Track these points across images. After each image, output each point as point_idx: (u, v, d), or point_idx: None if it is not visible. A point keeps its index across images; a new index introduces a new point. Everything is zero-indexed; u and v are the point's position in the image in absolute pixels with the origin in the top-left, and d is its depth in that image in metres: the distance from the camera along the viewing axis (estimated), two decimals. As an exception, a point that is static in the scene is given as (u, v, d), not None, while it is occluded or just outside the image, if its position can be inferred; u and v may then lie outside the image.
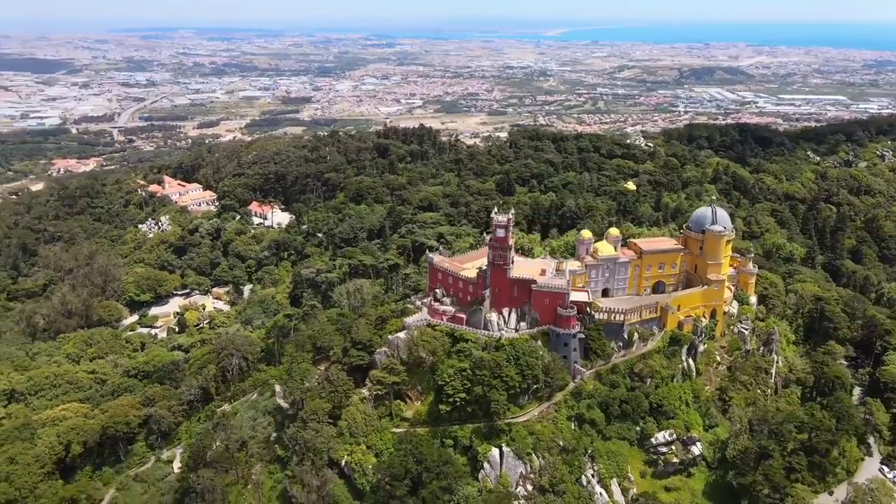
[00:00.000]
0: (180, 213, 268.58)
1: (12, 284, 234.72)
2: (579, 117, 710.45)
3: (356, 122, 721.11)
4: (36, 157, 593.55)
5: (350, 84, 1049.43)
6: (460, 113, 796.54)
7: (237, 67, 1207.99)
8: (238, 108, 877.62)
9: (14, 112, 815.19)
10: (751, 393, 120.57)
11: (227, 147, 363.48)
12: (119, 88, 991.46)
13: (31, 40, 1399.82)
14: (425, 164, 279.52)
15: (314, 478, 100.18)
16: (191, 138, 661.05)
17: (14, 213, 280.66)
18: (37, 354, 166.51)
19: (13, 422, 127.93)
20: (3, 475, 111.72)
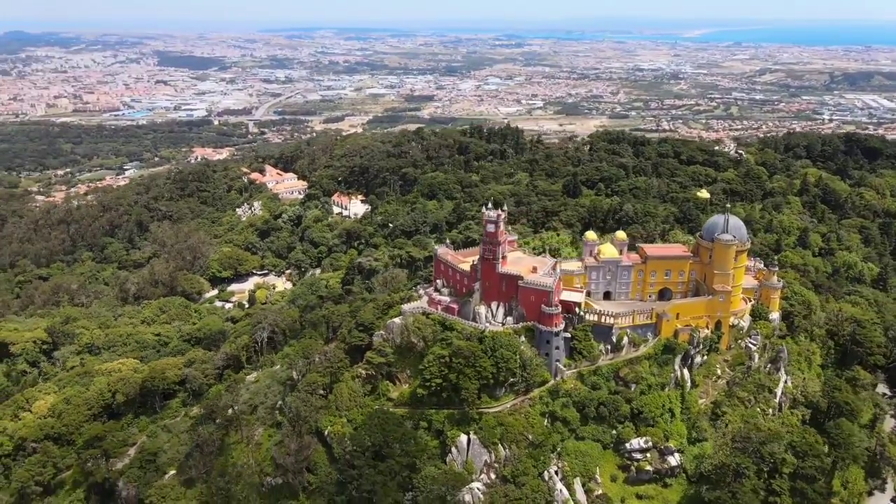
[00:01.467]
0: (271, 200, 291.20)
1: (125, 255, 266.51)
2: (707, 123, 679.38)
3: (473, 121, 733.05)
4: (180, 145, 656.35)
5: (473, 83, 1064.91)
6: (580, 115, 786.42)
7: (368, 66, 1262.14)
8: (364, 104, 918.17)
9: (169, 104, 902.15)
10: (749, 410, 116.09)
11: (323, 140, 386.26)
12: (260, 84, 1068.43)
13: (191, 39, 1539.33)
14: (501, 163, 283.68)
15: (293, 442, 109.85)
16: (315, 132, 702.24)
17: (136, 193, 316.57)
18: (120, 316, 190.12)
19: (78, 369, 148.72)
20: (57, 412, 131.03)
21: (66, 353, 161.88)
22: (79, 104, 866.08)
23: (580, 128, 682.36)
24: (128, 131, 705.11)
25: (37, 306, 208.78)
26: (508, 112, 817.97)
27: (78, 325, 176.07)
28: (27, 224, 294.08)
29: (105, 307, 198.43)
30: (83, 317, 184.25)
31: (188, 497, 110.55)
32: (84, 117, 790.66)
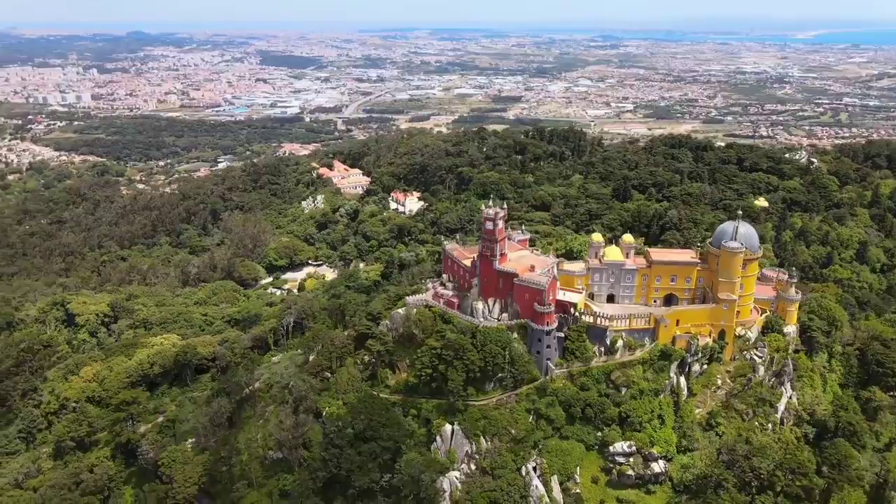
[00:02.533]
0: (334, 194, 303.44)
1: (197, 241, 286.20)
2: (810, 130, 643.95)
3: (558, 123, 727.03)
4: (271, 141, 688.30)
5: (563, 85, 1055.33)
6: (672, 119, 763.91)
7: (459, 66, 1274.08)
8: (450, 104, 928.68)
9: (266, 101, 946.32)
10: (746, 424, 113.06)
11: (389, 138, 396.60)
12: (352, 83, 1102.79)
13: (293, 40, 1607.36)
14: (557, 165, 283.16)
15: (289, 419, 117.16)
16: (401, 131, 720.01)
17: (213, 184, 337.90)
18: (177, 296, 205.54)
19: (125, 341, 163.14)
20: (100, 378, 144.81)
21: (122, 326, 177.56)
22: (185, 100, 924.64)
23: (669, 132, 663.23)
24: (225, 126, 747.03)
25: (112, 284, 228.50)
26: (596, 115, 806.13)
27: (138, 302, 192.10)
28: (116, 209, 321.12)
29: (166, 287, 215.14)
30: (144, 295, 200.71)
31: (195, 462, 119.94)
32: (189, 112, 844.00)
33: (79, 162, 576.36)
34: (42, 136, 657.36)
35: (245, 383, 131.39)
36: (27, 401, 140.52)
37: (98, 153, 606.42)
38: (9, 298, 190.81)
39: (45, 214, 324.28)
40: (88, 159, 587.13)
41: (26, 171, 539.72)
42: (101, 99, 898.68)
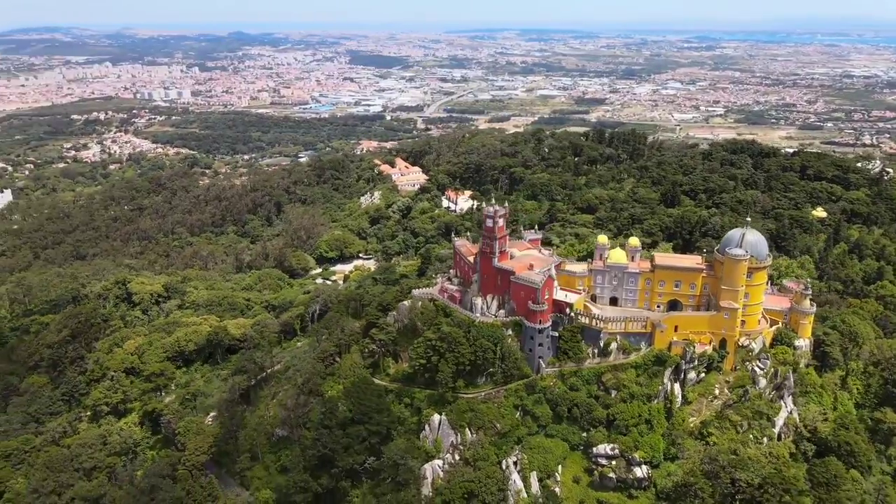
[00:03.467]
0: (391, 191, 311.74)
1: (260, 230, 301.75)
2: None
3: (642, 127, 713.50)
4: (350, 138, 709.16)
5: (650, 88, 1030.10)
6: (765, 125, 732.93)
7: (545, 67, 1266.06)
8: (532, 105, 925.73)
9: (351, 99, 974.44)
10: (740, 436, 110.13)
11: (450, 137, 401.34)
12: (436, 83, 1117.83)
13: (382, 40, 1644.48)
14: (611, 167, 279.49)
15: (290, 399, 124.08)
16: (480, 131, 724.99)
17: (280, 177, 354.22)
18: (228, 281, 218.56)
19: (171, 319, 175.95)
20: (140, 352, 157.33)
21: (171, 305, 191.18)
22: (276, 97, 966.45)
23: (762, 138, 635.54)
24: (309, 123, 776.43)
25: (175, 267, 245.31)
26: (682, 119, 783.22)
27: (190, 285, 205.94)
28: (190, 199, 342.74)
29: (220, 273, 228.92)
30: (198, 278, 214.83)
31: (207, 433, 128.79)
32: (278, 109, 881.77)
33: (172, 154, 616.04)
34: (143, 129, 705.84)
35: (261, 363, 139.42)
36: (74, 367, 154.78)
37: (190, 146, 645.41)
38: (77, 275, 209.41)
39: (128, 201, 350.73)
40: (181, 151, 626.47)
41: (126, 161, 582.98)
42: (199, 95, 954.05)
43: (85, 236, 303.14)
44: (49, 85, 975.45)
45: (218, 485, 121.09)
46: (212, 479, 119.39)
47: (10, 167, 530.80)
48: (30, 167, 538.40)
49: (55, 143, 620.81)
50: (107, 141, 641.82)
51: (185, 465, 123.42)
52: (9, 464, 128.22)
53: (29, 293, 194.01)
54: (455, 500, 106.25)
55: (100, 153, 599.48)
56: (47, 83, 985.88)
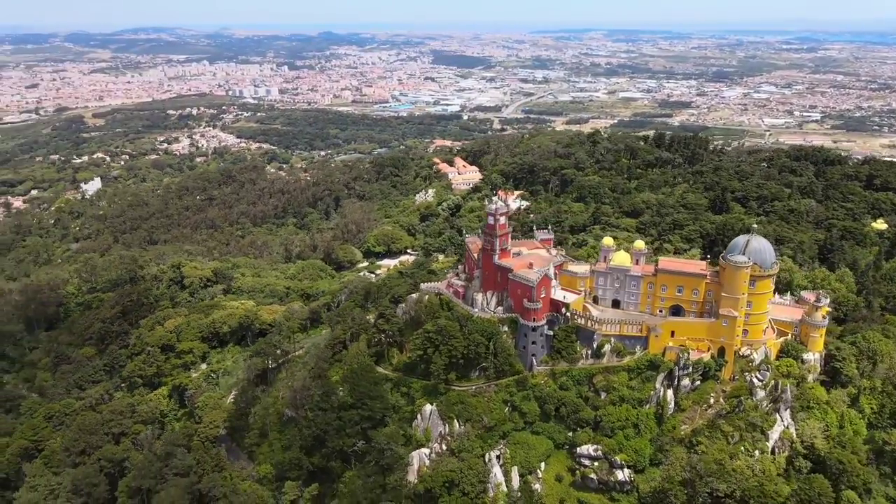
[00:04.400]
0: (444, 189, 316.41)
1: (318, 223, 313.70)
2: None
3: (728, 132, 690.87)
4: (425, 137, 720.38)
5: (741, 91, 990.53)
6: (866, 132, 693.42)
7: (630, 69, 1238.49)
8: (613, 107, 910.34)
9: (430, 99, 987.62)
10: (731, 447, 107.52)
11: (509, 137, 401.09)
12: (516, 83, 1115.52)
13: (466, 40, 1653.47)
14: (663, 171, 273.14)
15: (296, 381, 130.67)
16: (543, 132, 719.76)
17: (342, 174, 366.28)
18: (274, 269, 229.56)
19: (210, 302, 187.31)
20: (178, 330, 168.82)
21: (217, 290, 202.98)
22: (357, 96, 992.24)
23: (860, 146, 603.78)
24: (386, 121, 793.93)
25: (231, 255, 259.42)
26: (773, 124, 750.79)
27: (238, 272, 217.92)
28: (256, 191, 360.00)
29: (269, 262, 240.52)
30: (246, 266, 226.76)
31: (221, 409, 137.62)
32: (359, 107, 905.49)
33: (254, 148, 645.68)
34: (230, 124, 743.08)
35: (279, 347, 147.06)
36: (118, 342, 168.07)
37: (272, 141, 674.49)
38: (137, 258, 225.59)
39: (200, 192, 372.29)
40: (263, 146, 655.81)
41: (211, 154, 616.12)
42: (286, 93, 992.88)
43: (159, 223, 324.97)
44: (151, 82, 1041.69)
45: (226, 456, 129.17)
46: (220, 451, 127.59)
47: (108, 157, 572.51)
48: (125, 158, 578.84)
49: (150, 136, 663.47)
50: (196, 135, 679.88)
51: (199, 437, 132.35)
52: (50, 424, 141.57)
53: (94, 272, 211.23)
54: (436, 488, 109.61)
55: (188, 146, 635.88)
56: (150, 80, 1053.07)
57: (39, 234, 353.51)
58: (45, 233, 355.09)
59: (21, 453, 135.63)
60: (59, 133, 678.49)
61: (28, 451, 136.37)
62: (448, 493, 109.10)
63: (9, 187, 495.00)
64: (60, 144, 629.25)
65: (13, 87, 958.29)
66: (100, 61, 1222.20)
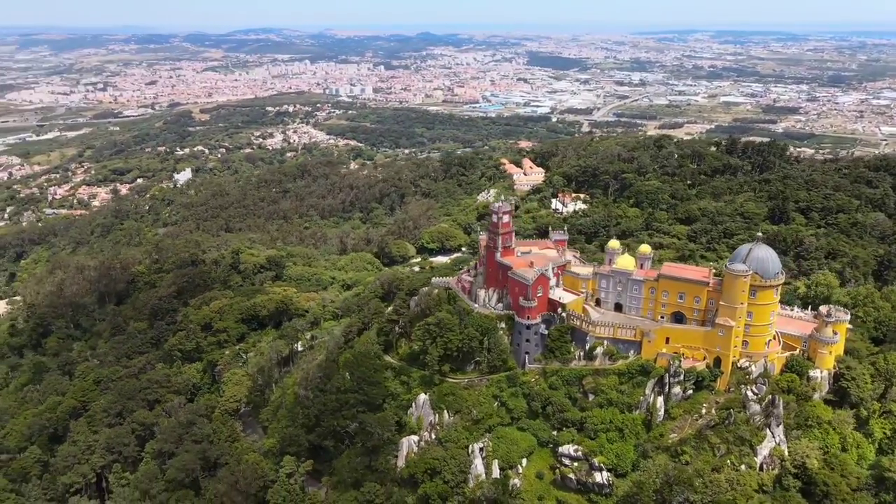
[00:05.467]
0: (506, 189, 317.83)
1: (382, 218, 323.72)
2: None
3: (838, 141, 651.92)
4: (510, 138, 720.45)
5: (857, 97, 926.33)
6: None
7: (735, 72, 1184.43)
8: (712, 112, 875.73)
9: (521, 100, 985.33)
10: (718, 459, 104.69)
11: (577, 140, 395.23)
12: (611, 86, 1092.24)
13: (564, 41, 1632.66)
14: (731, 179, 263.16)
15: (308, 363, 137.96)
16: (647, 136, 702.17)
17: (409, 171, 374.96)
18: (326, 260, 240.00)
19: (256, 287, 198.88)
20: (221, 311, 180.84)
21: (267, 276, 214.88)
22: (448, 96, 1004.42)
23: None
24: (472, 121, 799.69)
25: (292, 244, 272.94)
26: (892, 133, 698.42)
27: (291, 260, 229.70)
28: (327, 185, 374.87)
29: (323, 253, 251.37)
30: (300, 255, 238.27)
31: (242, 383, 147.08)
32: (449, 107, 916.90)
33: (342, 145, 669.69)
34: (322, 121, 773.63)
35: (302, 331, 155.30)
36: (168, 318, 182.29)
37: (359, 138, 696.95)
38: (200, 242, 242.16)
39: (276, 184, 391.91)
40: (350, 143, 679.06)
41: (300, 150, 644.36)
42: (380, 92, 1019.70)
43: (236, 212, 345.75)
44: (256, 80, 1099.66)
45: (242, 429, 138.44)
46: (234, 423, 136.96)
47: (206, 150, 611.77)
48: (222, 151, 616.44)
49: (248, 132, 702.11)
50: (289, 131, 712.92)
51: (220, 409, 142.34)
52: (97, 388, 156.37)
53: (161, 254, 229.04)
54: (418, 474, 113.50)
55: (281, 142, 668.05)
56: (255, 78, 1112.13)
57: (135, 219, 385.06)
58: (139, 217, 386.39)
59: (70, 412, 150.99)
60: (168, 126, 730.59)
61: (76, 411, 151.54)
62: (430, 480, 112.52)
63: (119, 175, 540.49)
64: (168, 137, 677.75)
65: (135, 84, 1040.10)
66: (212, 60, 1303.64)
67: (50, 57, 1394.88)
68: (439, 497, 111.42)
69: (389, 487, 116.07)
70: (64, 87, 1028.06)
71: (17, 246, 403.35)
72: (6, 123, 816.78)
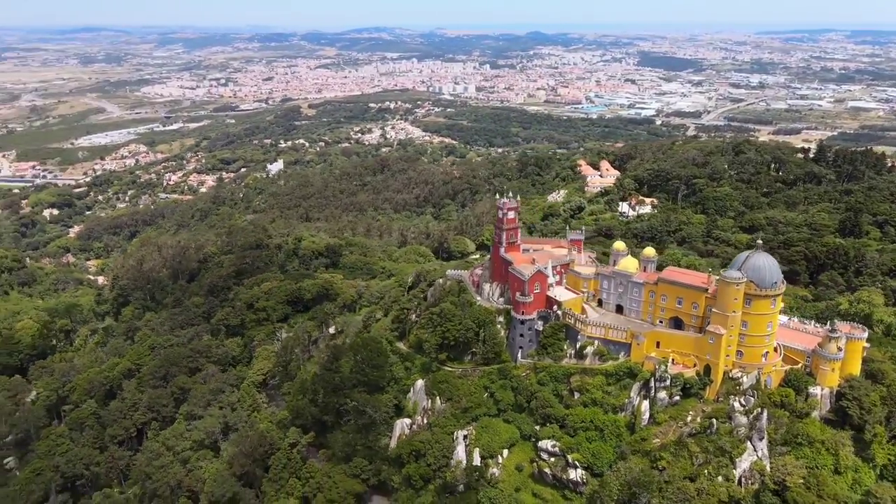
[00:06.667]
0: (577, 191, 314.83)
1: (453, 214, 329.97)
2: None
3: None
4: (607, 140, 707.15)
5: None
6: None
7: (870, 74, 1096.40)
8: (836, 118, 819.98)
9: (626, 102, 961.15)
10: (695, 468, 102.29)
11: (658, 144, 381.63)
12: (725, 88, 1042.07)
13: (680, 41, 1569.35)
14: (806, 188, 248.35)
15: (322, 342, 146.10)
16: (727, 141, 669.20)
17: (485, 169, 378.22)
18: (384, 251, 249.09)
19: (306, 272, 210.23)
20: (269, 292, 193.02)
21: (321, 263, 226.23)
22: (551, 96, 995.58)
23: None
24: (570, 122, 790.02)
25: (360, 234, 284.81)
26: None
27: (349, 249, 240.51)
28: (404, 180, 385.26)
29: (383, 244, 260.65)
30: (359, 245, 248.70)
31: (269, 359, 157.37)
32: (549, 107, 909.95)
33: (436, 142, 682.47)
34: (420, 118, 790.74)
35: (331, 315, 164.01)
36: (221, 295, 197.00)
37: (454, 136, 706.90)
38: (267, 228, 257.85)
39: (357, 178, 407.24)
40: (445, 140, 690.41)
41: (395, 145, 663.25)
42: (482, 91, 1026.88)
43: (316, 203, 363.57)
44: (364, 77, 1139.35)
45: (265, 400, 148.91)
46: (256, 394, 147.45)
47: (307, 143, 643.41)
48: (321, 145, 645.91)
49: (348, 127, 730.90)
50: (387, 127, 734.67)
51: (248, 381, 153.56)
52: (151, 353, 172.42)
53: (232, 238, 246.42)
54: (404, 455, 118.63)
55: (378, 137, 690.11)
56: (363, 75, 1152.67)
57: (229, 205, 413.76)
58: (234, 204, 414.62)
59: (125, 372, 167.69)
60: (277, 120, 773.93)
61: (130, 372, 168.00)
62: (415, 461, 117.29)
63: (225, 164, 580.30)
64: (275, 130, 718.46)
65: (253, 80, 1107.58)
66: (326, 58, 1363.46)
67: (183, 54, 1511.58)
68: (421, 478, 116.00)
69: (378, 465, 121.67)
70: (191, 82, 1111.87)
71: (131, 226, 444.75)
72: (139, 114, 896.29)
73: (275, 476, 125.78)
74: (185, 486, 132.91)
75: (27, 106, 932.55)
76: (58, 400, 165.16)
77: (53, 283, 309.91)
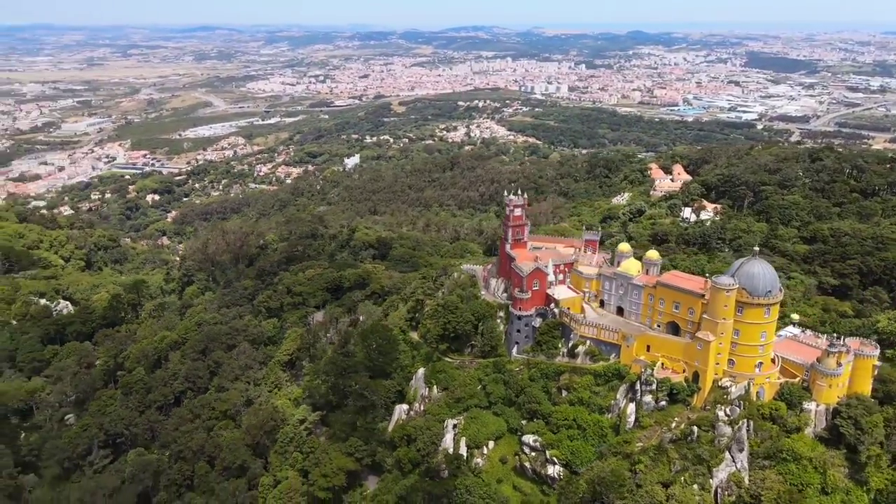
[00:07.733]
0: (642, 194, 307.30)
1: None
2: None
3: None
4: (699, 144, 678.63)
5: None
6: None
7: None
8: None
9: (726, 105, 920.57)
10: (672, 474, 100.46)
11: (734, 148, 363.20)
12: (840, 92, 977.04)
13: (794, 41, 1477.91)
14: (883, 199, 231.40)
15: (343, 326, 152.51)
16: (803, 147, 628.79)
17: (553, 169, 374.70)
18: (435, 246, 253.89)
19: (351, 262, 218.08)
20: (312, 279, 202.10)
21: (368, 254, 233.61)
22: (646, 97, 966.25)
23: None
24: (664, 125, 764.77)
25: (417, 229, 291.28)
26: None
27: (399, 242, 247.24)
28: (471, 177, 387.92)
29: (435, 239, 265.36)
30: (410, 239, 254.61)
31: (296, 340, 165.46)
32: (643, 109, 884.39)
33: (520, 142, 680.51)
34: (507, 118, 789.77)
35: (359, 302, 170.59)
36: (267, 279, 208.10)
37: (538, 136, 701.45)
38: (323, 218, 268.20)
39: (426, 174, 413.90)
40: (529, 140, 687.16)
41: (478, 144, 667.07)
42: (575, 91, 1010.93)
43: (384, 197, 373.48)
44: (458, 76, 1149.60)
45: (288, 378, 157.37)
46: (279, 371, 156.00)
47: (391, 140, 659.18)
48: (405, 141, 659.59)
49: (435, 124, 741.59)
50: (473, 125, 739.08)
51: (275, 360, 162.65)
52: (196, 329, 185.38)
53: (290, 227, 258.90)
54: (397, 439, 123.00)
55: (462, 135, 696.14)
56: (457, 74, 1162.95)
57: (307, 197, 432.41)
58: (311, 196, 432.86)
59: (171, 344, 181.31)
60: (367, 117, 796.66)
61: (176, 344, 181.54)
62: (406, 445, 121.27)
63: (312, 158, 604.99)
64: (364, 126, 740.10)
65: (349, 77, 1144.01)
66: (421, 56, 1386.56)
67: (287, 52, 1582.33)
68: (410, 462, 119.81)
69: (374, 446, 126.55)
70: (292, 78, 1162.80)
71: (220, 213, 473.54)
72: (242, 109, 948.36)
73: (280, 449, 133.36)
74: (206, 452, 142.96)
75: (145, 99, 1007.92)
76: (115, 366, 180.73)
77: (142, 262, 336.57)
